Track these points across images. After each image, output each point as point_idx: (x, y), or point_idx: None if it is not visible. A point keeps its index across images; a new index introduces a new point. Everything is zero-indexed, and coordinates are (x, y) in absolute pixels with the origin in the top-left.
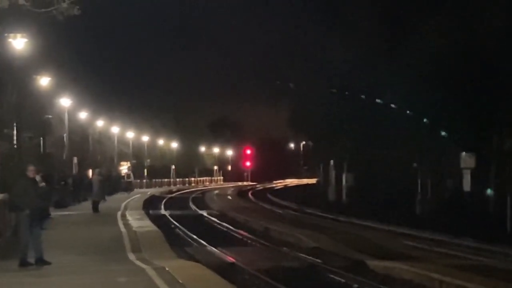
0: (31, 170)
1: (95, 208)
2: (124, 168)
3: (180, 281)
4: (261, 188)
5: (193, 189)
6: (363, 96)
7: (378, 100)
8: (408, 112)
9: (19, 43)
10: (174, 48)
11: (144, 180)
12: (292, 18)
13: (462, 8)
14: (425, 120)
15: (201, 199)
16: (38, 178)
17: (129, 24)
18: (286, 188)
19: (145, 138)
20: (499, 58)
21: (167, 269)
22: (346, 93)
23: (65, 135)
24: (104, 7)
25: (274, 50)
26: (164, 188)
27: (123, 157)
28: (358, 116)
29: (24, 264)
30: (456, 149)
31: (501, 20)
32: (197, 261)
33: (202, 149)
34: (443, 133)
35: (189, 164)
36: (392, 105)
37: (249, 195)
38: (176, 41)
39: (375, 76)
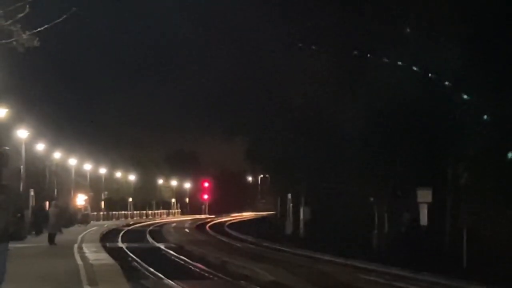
0: None
1: (51, 240)
2: (81, 200)
3: None
4: (218, 221)
5: (150, 222)
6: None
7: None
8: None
9: None
10: (133, 80)
11: (101, 213)
12: (250, 53)
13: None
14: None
15: (158, 232)
16: None
17: (88, 56)
18: (243, 221)
19: (103, 170)
20: (454, 92)
21: None
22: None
23: (22, 167)
24: (65, 38)
25: (231, 83)
26: (121, 221)
27: (80, 189)
28: (315, 150)
29: None
30: (413, 183)
31: (458, 49)
32: None
33: (160, 181)
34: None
35: (147, 197)
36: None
37: (207, 228)
38: (135, 74)
39: (331, 111)
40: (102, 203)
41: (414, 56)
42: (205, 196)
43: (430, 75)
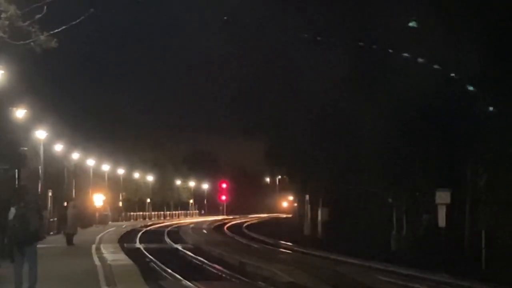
0: None
1: (69, 240)
2: (99, 201)
3: None
4: (236, 222)
5: (168, 223)
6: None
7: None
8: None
9: None
10: (151, 81)
11: (119, 213)
12: (268, 54)
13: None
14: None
15: (176, 233)
16: (13, 210)
17: (106, 56)
18: (261, 222)
19: (121, 171)
20: (472, 94)
21: None
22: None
23: (40, 167)
24: (82, 39)
25: (251, 85)
26: (139, 222)
27: (98, 190)
28: (333, 152)
29: None
30: (431, 184)
31: (478, 47)
32: None
33: (178, 182)
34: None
35: (165, 198)
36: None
37: (225, 229)
38: (153, 74)
39: (350, 113)
40: (120, 203)
41: (433, 54)
42: (223, 197)
43: (451, 75)
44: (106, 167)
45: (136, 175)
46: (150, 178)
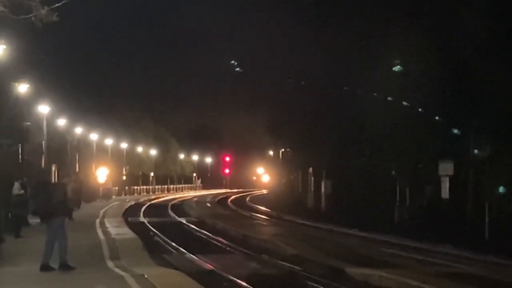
0: None
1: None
2: (103, 175)
3: None
4: (240, 195)
5: (172, 196)
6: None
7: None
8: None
9: None
10: (154, 55)
11: (123, 187)
12: (272, 26)
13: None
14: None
15: (180, 206)
16: (17, 185)
17: (108, 30)
18: (265, 195)
19: (124, 145)
20: (475, 66)
21: (146, 276)
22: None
23: (43, 142)
24: (83, 13)
25: (253, 58)
26: (143, 196)
27: (101, 164)
28: (336, 124)
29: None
30: (434, 156)
31: (478, 25)
32: (176, 268)
33: (181, 156)
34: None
35: (168, 172)
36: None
37: (228, 202)
38: (156, 49)
39: (352, 85)
40: (124, 177)
41: None
42: (227, 171)
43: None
44: (109, 141)
45: (140, 149)
46: (153, 152)
